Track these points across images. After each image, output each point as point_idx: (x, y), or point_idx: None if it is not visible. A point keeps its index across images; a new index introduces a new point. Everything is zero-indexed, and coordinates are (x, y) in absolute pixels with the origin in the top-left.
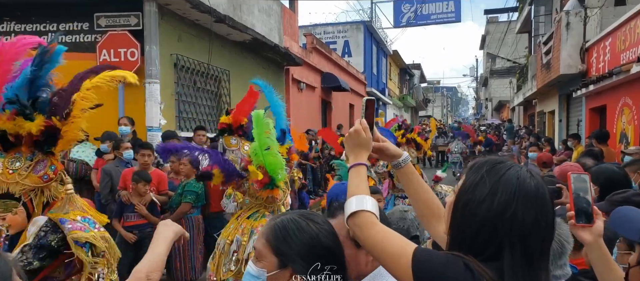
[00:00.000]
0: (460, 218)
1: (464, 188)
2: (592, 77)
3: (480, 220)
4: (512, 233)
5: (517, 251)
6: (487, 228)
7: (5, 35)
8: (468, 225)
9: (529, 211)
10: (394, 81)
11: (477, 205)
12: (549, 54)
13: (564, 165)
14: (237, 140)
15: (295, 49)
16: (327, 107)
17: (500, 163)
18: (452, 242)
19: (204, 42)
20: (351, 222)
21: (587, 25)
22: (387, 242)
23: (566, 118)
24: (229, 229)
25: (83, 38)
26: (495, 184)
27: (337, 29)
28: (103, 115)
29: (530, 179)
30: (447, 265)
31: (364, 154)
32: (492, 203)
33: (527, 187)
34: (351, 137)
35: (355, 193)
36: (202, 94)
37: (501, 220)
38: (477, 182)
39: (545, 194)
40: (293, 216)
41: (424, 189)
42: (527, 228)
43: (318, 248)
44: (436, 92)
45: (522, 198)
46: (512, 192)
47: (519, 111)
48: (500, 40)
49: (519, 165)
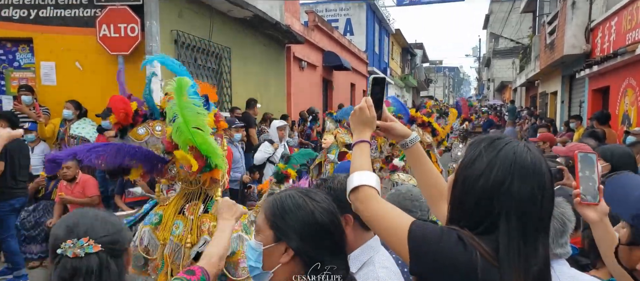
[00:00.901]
0: (459, 192)
1: (463, 163)
2: (596, 58)
3: (477, 193)
4: (508, 206)
5: (513, 224)
6: (483, 201)
7: (4, 9)
8: (466, 199)
9: (525, 185)
10: (395, 61)
11: (475, 179)
12: (553, 34)
13: (572, 145)
14: (145, 127)
15: (297, 26)
16: (328, 86)
17: (499, 139)
18: (451, 216)
19: (205, 19)
20: (353, 196)
21: (593, 4)
22: (387, 215)
23: (568, 99)
24: (167, 224)
25: (82, 13)
26: (492, 159)
27: (339, 7)
28: (104, 91)
29: (527, 153)
30: (441, 237)
31: (368, 132)
32: (489, 176)
33: (524, 161)
34: (356, 115)
35: (357, 169)
36: (202, 72)
37: (497, 193)
38: (475, 157)
39: (543, 169)
40: (293, 192)
41: (432, 170)
42: (523, 201)
43: (313, 225)
44: (438, 73)
45: (518, 172)
46: (508, 166)
47: (521, 92)
48: (504, 19)
49: (517, 141)
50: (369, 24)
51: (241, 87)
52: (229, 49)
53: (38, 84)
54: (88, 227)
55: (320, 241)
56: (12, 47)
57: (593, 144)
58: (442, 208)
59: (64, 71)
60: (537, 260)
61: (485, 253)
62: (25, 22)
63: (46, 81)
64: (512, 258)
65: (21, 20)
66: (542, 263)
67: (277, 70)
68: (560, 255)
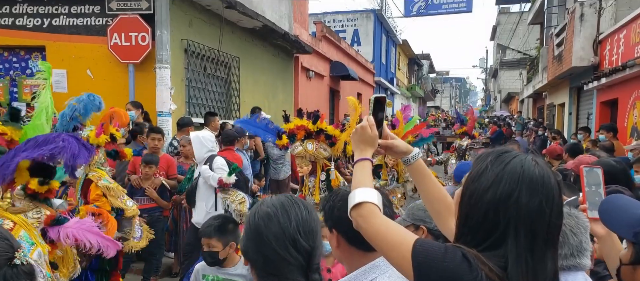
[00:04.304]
0: (466, 207)
1: (470, 177)
2: (604, 70)
3: (485, 207)
4: (516, 219)
5: (521, 238)
6: (491, 214)
7: (18, 18)
8: (474, 213)
9: (533, 198)
10: (402, 71)
11: (482, 193)
12: (561, 46)
13: (580, 157)
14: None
15: (305, 37)
16: (335, 95)
17: (506, 153)
18: (459, 232)
19: (215, 28)
20: (354, 213)
21: (601, 17)
22: (389, 232)
23: (576, 111)
24: None
25: (94, 21)
26: (500, 172)
27: (347, 18)
28: (114, 99)
29: (535, 166)
30: (445, 255)
31: (369, 151)
32: (497, 189)
33: (532, 174)
34: (357, 134)
35: (359, 186)
36: (211, 80)
37: (505, 206)
38: (481, 171)
39: (552, 182)
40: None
41: (436, 186)
42: (531, 214)
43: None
44: (445, 83)
45: (526, 184)
46: (516, 178)
47: (528, 103)
48: (511, 31)
49: (525, 154)
50: (376, 34)
51: (249, 96)
52: (237, 58)
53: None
54: None
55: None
56: (25, 55)
57: (604, 155)
58: (449, 224)
59: (75, 79)
60: (546, 274)
61: (491, 273)
62: (38, 30)
63: (57, 88)
64: (521, 273)
65: (35, 29)
66: (551, 278)
67: (284, 79)
68: (579, 267)
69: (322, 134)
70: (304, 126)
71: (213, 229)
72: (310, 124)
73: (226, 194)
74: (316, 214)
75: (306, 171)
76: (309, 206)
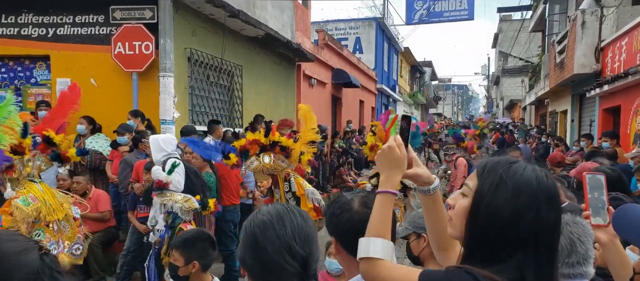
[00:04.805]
0: (482, 222)
1: (482, 191)
2: (606, 77)
3: (504, 221)
4: (537, 233)
5: (542, 250)
6: (510, 229)
7: (23, 27)
8: (490, 229)
9: (551, 211)
10: (404, 78)
11: (500, 208)
12: (562, 53)
13: (583, 164)
14: None
15: (307, 45)
16: (338, 103)
17: (515, 163)
18: (469, 247)
19: (218, 37)
20: (365, 264)
21: (603, 24)
22: (394, 275)
23: (578, 118)
24: None
25: (98, 30)
26: (517, 184)
27: (349, 26)
28: (118, 107)
29: (547, 178)
30: (446, 274)
31: (397, 174)
32: (516, 204)
33: (547, 186)
34: (384, 155)
35: (372, 233)
36: (214, 88)
37: (525, 220)
38: (496, 184)
39: (559, 193)
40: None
41: (444, 219)
42: (551, 226)
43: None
44: (447, 90)
45: (544, 198)
46: (533, 193)
47: (530, 110)
48: (513, 38)
49: (533, 164)
50: (378, 42)
51: (252, 104)
52: (240, 66)
53: (53, 100)
54: None
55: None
56: (29, 64)
57: (607, 163)
58: (446, 256)
59: (80, 87)
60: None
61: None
62: (43, 40)
63: None
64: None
65: (39, 38)
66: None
67: (287, 87)
68: (583, 275)
69: (277, 146)
70: (257, 140)
71: (179, 242)
72: (262, 138)
73: (164, 197)
74: (312, 222)
75: (266, 185)
76: (304, 214)
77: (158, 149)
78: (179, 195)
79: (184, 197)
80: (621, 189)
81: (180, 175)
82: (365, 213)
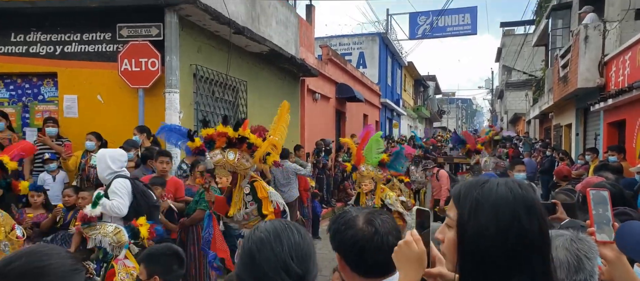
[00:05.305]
0: (470, 247)
1: (462, 218)
2: (611, 91)
3: (489, 242)
4: (525, 245)
5: (534, 263)
6: (499, 248)
7: (32, 46)
8: (478, 252)
9: (532, 220)
10: (408, 92)
11: (484, 229)
12: (566, 68)
13: (588, 179)
14: None
15: (311, 60)
16: (342, 117)
17: (487, 182)
18: (463, 274)
19: (223, 53)
20: None
21: (606, 39)
22: None
23: (583, 132)
24: None
25: (105, 48)
26: (494, 204)
27: (353, 41)
28: (124, 123)
29: (522, 189)
30: None
31: (415, 272)
32: (498, 222)
33: (523, 197)
34: (401, 251)
35: None
36: (220, 104)
37: (511, 235)
38: (474, 208)
39: (540, 202)
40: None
41: None
42: (536, 235)
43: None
44: (451, 104)
45: (522, 209)
46: (511, 206)
47: (534, 124)
48: (516, 53)
49: (504, 179)
50: (382, 57)
51: (256, 119)
52: (245, 82)
53: (61, 116)
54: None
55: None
56: (37, 82)
57: (612, 178)
58: None
59: (86, 104)
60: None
61: None
62: (51, 57)
63: (68, 113)
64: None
65: (47, 56)
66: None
67: (291, 102)
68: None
69: (245, 142)
70: (225, 133)
71: (144, 255)
72: (231, 131)
73: (91, 230)
74: (310, 239)
75: (225, 182)
76: (302, 231)
77: (104, 167)
78: (110, 226)
79: (114, 229)
80: (622, 205)
81: (120, 199)
82: (369, 230)
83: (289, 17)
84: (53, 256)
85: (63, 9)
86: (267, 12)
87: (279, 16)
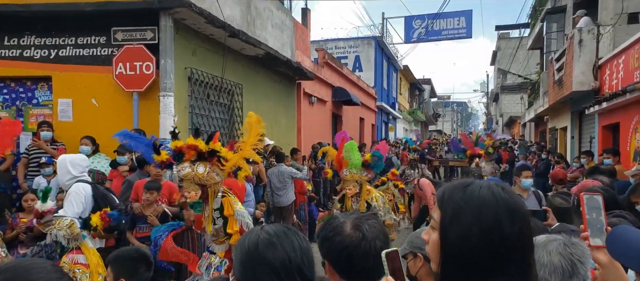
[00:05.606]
0: (452, 250)
1: (445, 221)
2: (605, 95)
3: (472, 244)
4: (506, 249)
5: (513, 267)
6: (480, 250)
7: (26, 49)
8: (460, 256)
9: (513, 224)
10: (404, 96)
11: (466, 231)
12: (561, 71)
13: (584, 182)
14: None
15: (307, 63)
16: (338, 120)
17: (470, 185)
18: (446, 278)
19: (218, 57)
20: None
21: (599, 42)
22: None
23: (578, 135)
24: None
25: (100, 51)
26: (476, 207)
27: (348, 44)
28: (118, 127)
29: (505, 192)
30: None
31: None
32: (480, 225)
33: (505, 201)
34: None
35: None
36: (215, 107)
37: (492, 239)
38: (457, 211)
39: (523, 205)
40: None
41: None
42: (514, 240)
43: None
44: (446, 107)
45: (504, 213)
46: (493, 210)
47: (530, 127)
48: (511, 56)
49: (488, 182)
50: (378, 60)
51: None
52: (240, 85)
53: (55, 120)
54: None
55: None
56: (31, 85)
57: (607, 181)
58: None
59: (81, 108)
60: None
61: None
62: (45, 61)
63: (63, 117)
64: None
65: (42, 60)
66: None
67: (287, 105)
68: None
69: (215, 156)
70: (196, 146)
71: (111, 257)
72: (202, 144)
73: (48, 226)
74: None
75: (194, 197)
76: (305, 237)
77: (64, 172)
78: (67, 220)
79: (69, 222)
80: (615, 209)
81: (70, 206)
82: (357, 236)
83: (285, 20)
84: (38, 270)
85: (57, 13)
86: (263, 16)
87: (275, 19)
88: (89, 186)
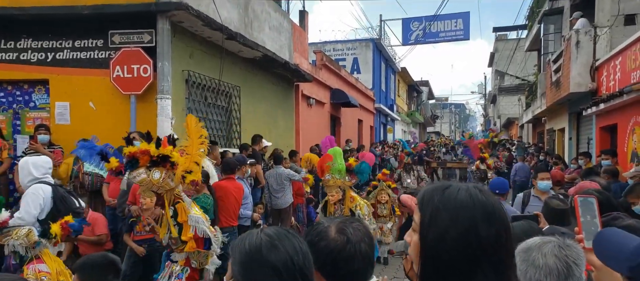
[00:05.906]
0: (430, 252)
1: (424, 223)
2: (602, 96)
3: (448, 247)
4: (482, 251)
5: (490, 269)
6: (457, 253)
7: (22, 52)
8: (438, 257)
9: (490, 227)
10: (402, 98)
11: (443, 233)
12: (558, 72)
13: (582, 183)
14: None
15: (305, 65)
16: (336, 122)
17: (449, 187)
18: (424, 277)
19: (216, 59)
20: None
21: (597, 44)
22: None
23: (576, 136)
24: None
25: (97, 54)
26: (453, 210)
27: (347, 46)
28: (116, 130)
29: (482, 194)
30: None
31: None
32: (457, 227)
33: (483, 204)
34: None
35: None
36: (212, 110)
37: (468, 242)
38: (435, 213)
39: (501, 208)
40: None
41: None
42: (490, 243)
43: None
44: (444, 109)
45: (480, 216)
46: (469, 213)
47: (528, 129)
48: (509, 57)
49: (466, 185)
50: (376, 62)
51: (250, 125)
52: (238, 87)
53: (52, 123)
54: None
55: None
56: (28, 89)
57: (604, 183)
58: None
59: (78, 111)
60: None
61: None
62: (42, 64)
63: (60, 120)
64: None
65: (38, 63)
66: None
67: (285, 107)
68: None
69: (167, 161)
70: (148, 151)
71: (77, 264)
72: (153, 149)
73: (5, 237)
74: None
75: (150, 203)
76: (304, 239)
77: (26, 173)
78: (24, 229)
79: (26, 231)
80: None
81: (25, 208)
82: (342, 240)
83: (282, 22)
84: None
85: (55, 16)
86: (260, 18)
87: (272, 22)
88: (49, 187)
